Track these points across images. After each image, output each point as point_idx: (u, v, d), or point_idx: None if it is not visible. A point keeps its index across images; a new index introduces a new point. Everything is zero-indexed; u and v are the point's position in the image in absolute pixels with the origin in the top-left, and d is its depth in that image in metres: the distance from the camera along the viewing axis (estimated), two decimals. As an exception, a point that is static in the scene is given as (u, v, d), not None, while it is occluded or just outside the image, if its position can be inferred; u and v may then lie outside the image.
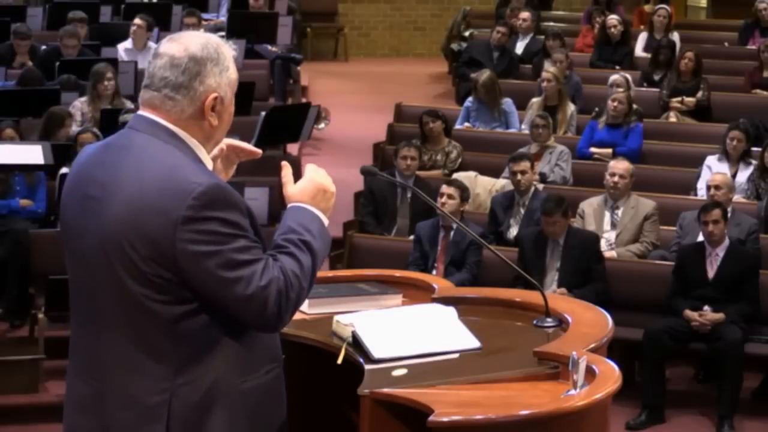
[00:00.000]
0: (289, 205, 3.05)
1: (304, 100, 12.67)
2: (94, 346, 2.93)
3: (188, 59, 2.91)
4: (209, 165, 3.00)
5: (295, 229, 2.98)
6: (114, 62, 10.64)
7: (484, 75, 10.96)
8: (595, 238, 8.08)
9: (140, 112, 2.97)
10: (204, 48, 2.93)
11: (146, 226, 2.81)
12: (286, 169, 3.12)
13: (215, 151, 3.12)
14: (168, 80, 2.91)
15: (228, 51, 3.00)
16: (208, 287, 2.83)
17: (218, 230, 2.81)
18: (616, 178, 8.48)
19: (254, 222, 2.93)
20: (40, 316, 7.54)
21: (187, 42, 2.94)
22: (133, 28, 11.88)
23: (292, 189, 3.07)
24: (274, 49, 13.04)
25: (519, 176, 8.70)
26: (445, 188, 8.22)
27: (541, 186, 9.08)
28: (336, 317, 3.69)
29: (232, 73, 2.98)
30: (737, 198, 8.86)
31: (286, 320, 2.92)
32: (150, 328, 2.85)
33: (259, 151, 3.21)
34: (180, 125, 2.93)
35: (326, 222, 3.06)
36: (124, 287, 2.84)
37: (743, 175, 9.32)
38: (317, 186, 3.07)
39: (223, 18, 13.81)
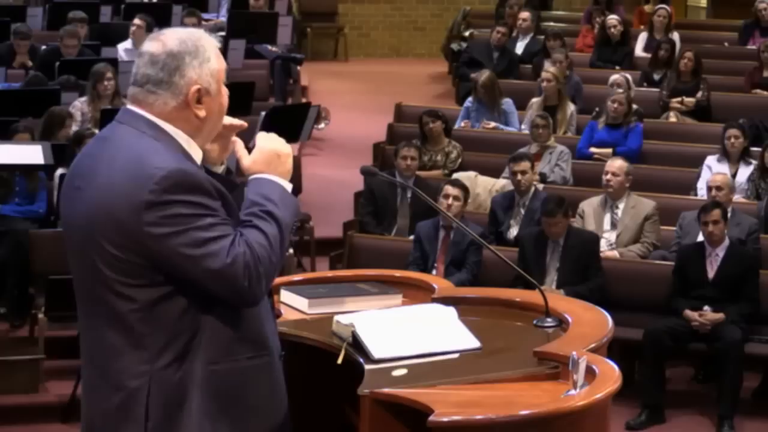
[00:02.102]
0: (248, 179, 3.06)
1: (304, 100, 12.66)
2: (90, 334, 3.01)
3: (165, 55, 2.96)
4: (197, 155, 3.02)
5: (256, 201, 3.00)
6: (114, 62, 10.63)
7: (484, 75, 10.95)
8: (594, 239, 8.08)
9: (127, 106, 3.03)
10: (182, 43, 2.98)
11: (115, 213, 2.87)
12: (238, 144, 3.14)
13: None
14: (149, 76, 2.98)
15: (209, 43, 3.02)
16: (178, 267, 2.87)
17: (181, 212, 2.85)
18: (609, 176, 8.49)
19: (228, 203, 2.96)
20: (40, 316, 7.54)
21: (165, 39, 2.99)
22: (133, 28, 11.88)
23: (246, 162, 3.09)
24: (274, 49, 13.04)
25: (519, 176, 8.70)
26: (450, 189, 8.20)
27: (541, 186, 9.08)
28: (336, 317, 3.69)
29: (215, 64, 3.00)
30: (737, 198, 8.86)
31: (259, 293, 2.94)
32: (127, 313, 2.90)
33: (244, 123, 3.20)
34: (164, 118, 2.98)
35: (288, 186, 3.06)
36: (101, 274, 2.91)
37: (743, 174, 9.33)
38: (269, 152, 3.09)
39: (223, 18, 13.81)
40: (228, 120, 3.17)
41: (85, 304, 3.01)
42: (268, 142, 3.11)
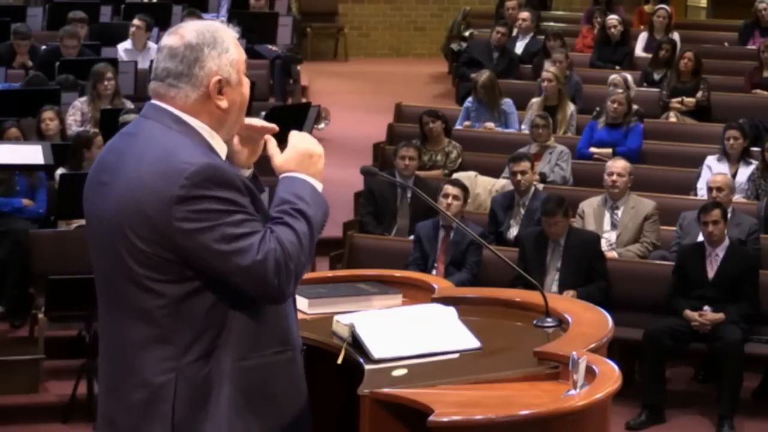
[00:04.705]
0: (279, 177, 3.06)
1: (304, 100, 12.66)
2: (112, 329, 3.00)
3: (184, 47, 2.96)
4: (222, 150, 3.04)
5: (287, 199, 3.00)
6: (114, 62, 10.64)
7: (484, 76, 10.96)
8: (596, 238, 8.08)
9: (152, 100, 3.03)
10: (199, 34, 2.98)
11: (144, 208, 2.86)
12: (271, 143, 3.14)
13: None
14: (169, 70, 2.97)
15: (228, 33, 3.02)
16: (207, 263, 2.87)
17: (212, 208, 2.85)
18: (614, 177, 8.49)
19: (256, 199, 2.97)
20: (40, 316, 7.54)
21: (182, 32, 2.99)
22: (132, 29, 11.89)
23: (278, 160, 3.09)
24: (274, 48, 13.04)
25: (519, 176, 8.70)
26: (450, 189, 8.21)
27: (541, 186, 9.08)
28: (336, 317, 3.69)
29: (234, 54, 3.01)
30: (737, 198, 8.86)
31: (288, 291, 2.94)
32: (155, 308, 2.90)
33: (274, 126, 3.20)
34: (187, 111, 2.98)
35: (319, 186, 3.06)
36: (129, 269, 2.90)
37: (743, 174, 9.33)
38: (302, 152, 3.08)
39: (223, 18, 13.80)
40: (259, 122, 3.17)
41: (108, 300, 3.01)
42: (302, 141, 3.11)
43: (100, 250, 3.00)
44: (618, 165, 8.59)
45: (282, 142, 3.18)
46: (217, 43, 2.98)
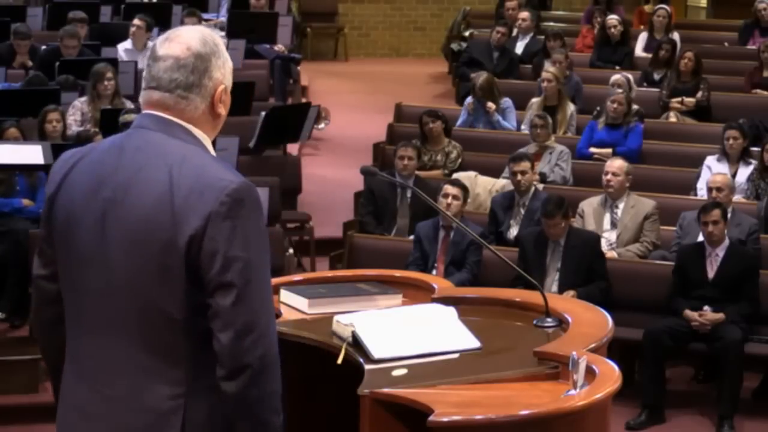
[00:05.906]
0: None
1: (304, 100, 12.67)
2: (101, 352, 2.86)
3: (194, 58, 2.88)
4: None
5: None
6: (114, 62, 10.64)
7: (482, 77, 10.94)
8: (596, 238, 8.08)
9: (150, 111, 2.91)
10: (204, 43, 2.91)
11: (178, 226, 2.75)
12: None
13: None
14: (178, 81, 2.88)
15: (220, 39, 3.00)
16: (207, 273, 2.74)
17: (247, 234, 2.77)
18: (609, 176, 8.50)
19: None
20: (40, 316, 7.52)
21: (186, 41, 2.90)
22: (133, 29, 11.88)
23: None
24: (277, 48, 13.03)
25: (519, 176, 8.70)
26: (449, 189, 8.21)
27: (541, 186, 9.08)
28: (336, 317, 3.69)
29: (229, 61, 2.99)
30: (737, 198, 8.86)
31: (241, 357, 2.75)
32: (166, 331, 2.78)
33: None
34: (193, 122, 2.91)
35: None
36: (141, 289, 2.78)
37: (743, 174, 9.33)
38: None
39: (223, 18, 13.81)
40: None
41: (100, 321, 2.85)
42: None
43: (98, 269, 2.84)
44: (614, 165, 8.60)
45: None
46: (219, 51, 2.94)
